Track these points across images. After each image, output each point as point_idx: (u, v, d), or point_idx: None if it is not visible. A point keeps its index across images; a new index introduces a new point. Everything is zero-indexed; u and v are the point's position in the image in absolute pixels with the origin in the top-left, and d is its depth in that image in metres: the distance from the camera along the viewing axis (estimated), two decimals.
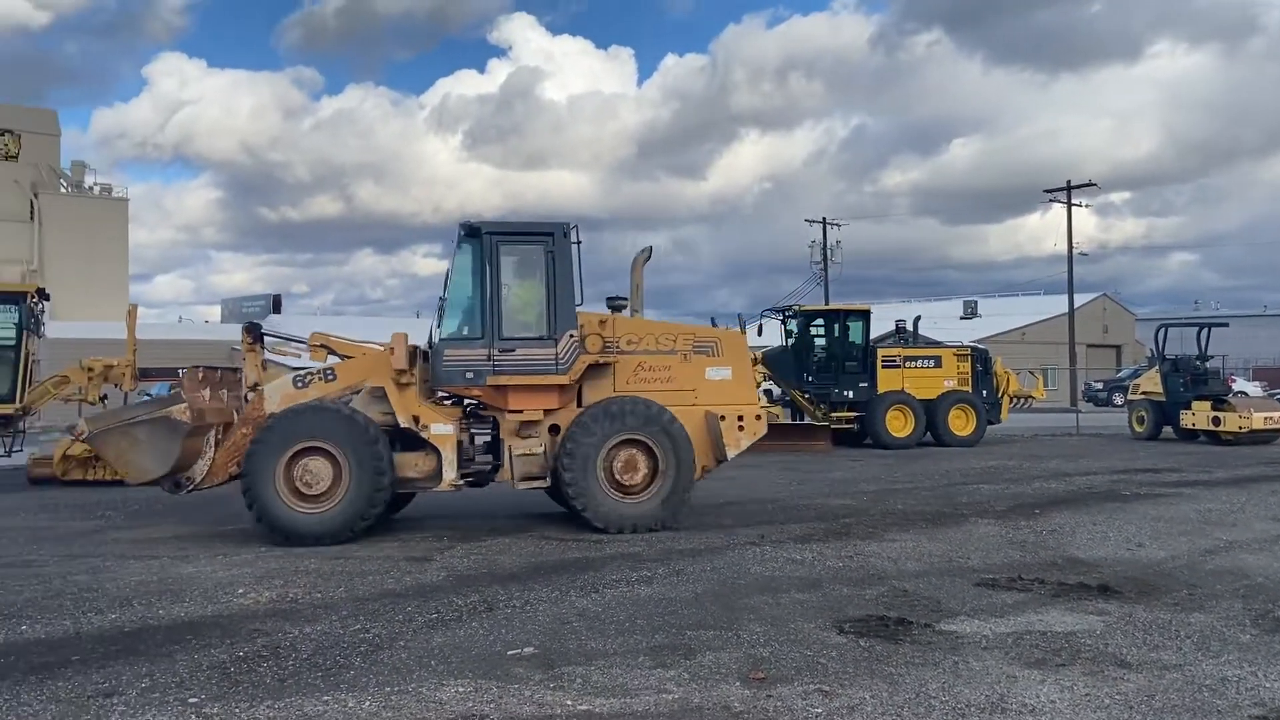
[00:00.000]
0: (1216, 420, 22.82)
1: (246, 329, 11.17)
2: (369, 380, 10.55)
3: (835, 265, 55.89)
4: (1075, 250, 48.39)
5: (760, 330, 23.90)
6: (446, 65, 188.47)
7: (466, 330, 10.61)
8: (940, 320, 51.58)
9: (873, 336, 24.42)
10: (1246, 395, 30.21)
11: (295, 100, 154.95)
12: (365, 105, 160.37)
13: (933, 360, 23.66)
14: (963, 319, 63.55)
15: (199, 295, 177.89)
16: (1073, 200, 48.46)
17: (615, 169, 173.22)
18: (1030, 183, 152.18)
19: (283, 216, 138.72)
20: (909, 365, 23.26)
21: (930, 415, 22.66)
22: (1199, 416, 23.24)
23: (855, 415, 22.91)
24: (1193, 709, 4.94)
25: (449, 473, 10.42)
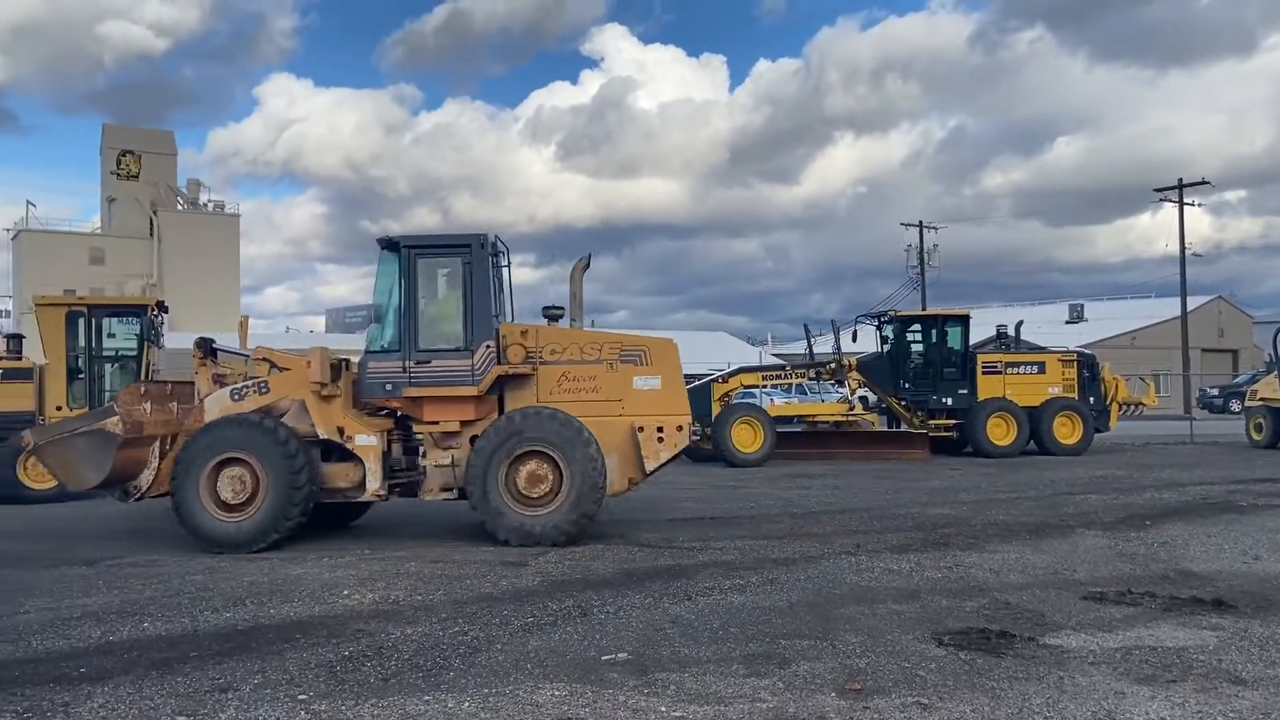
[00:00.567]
0: None
1: (197, 344, 11.65)
2: (295, 393, 10.76)
3: (932, 269, 54.89)
4: (1188, 251, 46.56)
5: (855, 336, 23.66)
6: (540, 78, 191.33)
7: (386, 343, 10.70)
8: (1044, 325, 50.24)
9: (972, 342, 23.90)
10: None
11: (396, 116, 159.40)
12: (462, 119, 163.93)
13: (1036, 366, 23.03)
14: (1068, 323, 61.74)
15: (305, 306, 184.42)
16: (1185, 199, 46.65)
17: (707, 176, 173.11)
18: (1139, 181, 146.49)
19: (384, 229, 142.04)
20: (1011, 371, 22.72)
21: (1034, 423, 22.05)
22: None
23: (954, 423, 22.45)
24: None
25: (372, 483, 10.55)
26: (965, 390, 22.36)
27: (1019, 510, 12.80)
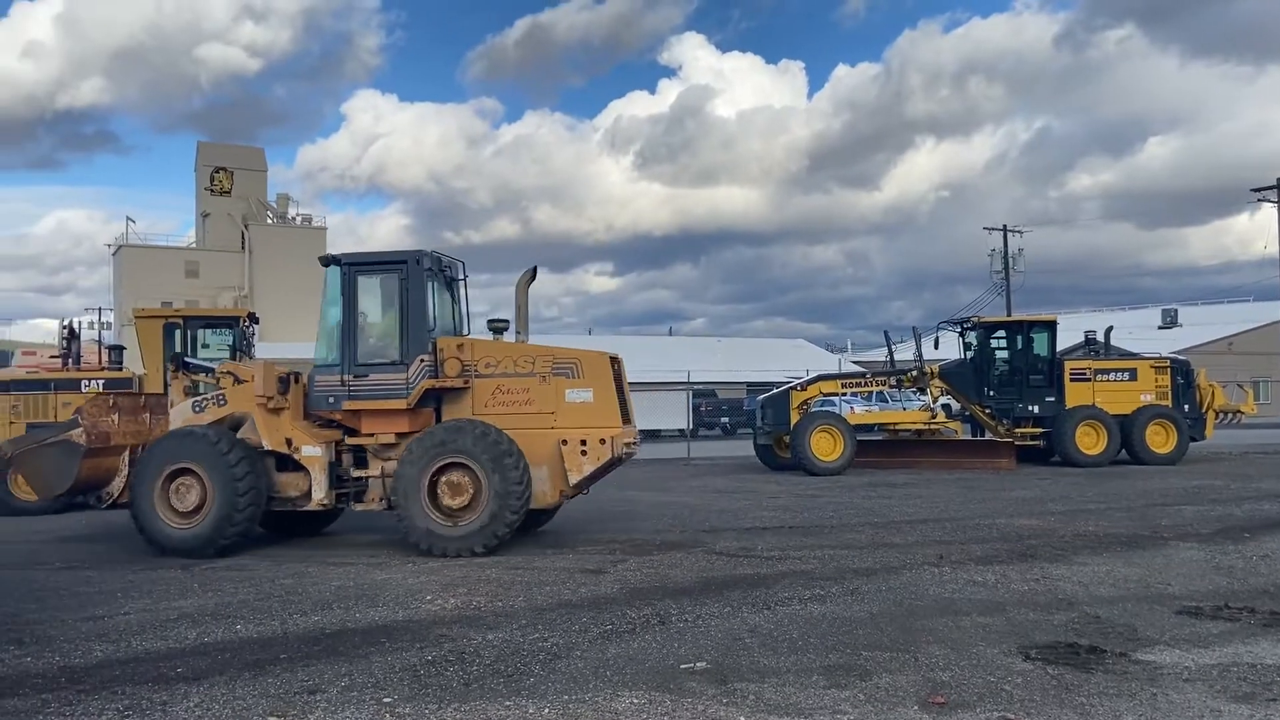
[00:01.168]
0: None
1: (171, 359, 12.32)
2: (245, 406, 11.09)
3: (1017, 274, 53.46)
4: None
5: (936, 343, 23.27)
6: (618, 88, 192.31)
7: (329, 357, 11.00)
8: (1136, 330, 48.73)
9: (1060, 348, 23.30)
10: None
11: (478, 129, 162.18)
12: (542, 131, 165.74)
13: (1127, 373, 22.35)
14: (1161, 329, 59.76)
15: None
16: None
17: (786, 182, 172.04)
18: (1236, 181, 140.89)
19: (466, 240, 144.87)
20: (1100, 378, 22.10)
21: (1125, 431, 21.41)
22: None
23: (1041, 431, 21.93)
24: None
25: (317, 492, 10.87)
26: (1052, 398, 21.86)
27: (1110, 521, 12.42)
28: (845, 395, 26.54)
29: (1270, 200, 45.01)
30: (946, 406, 26.65)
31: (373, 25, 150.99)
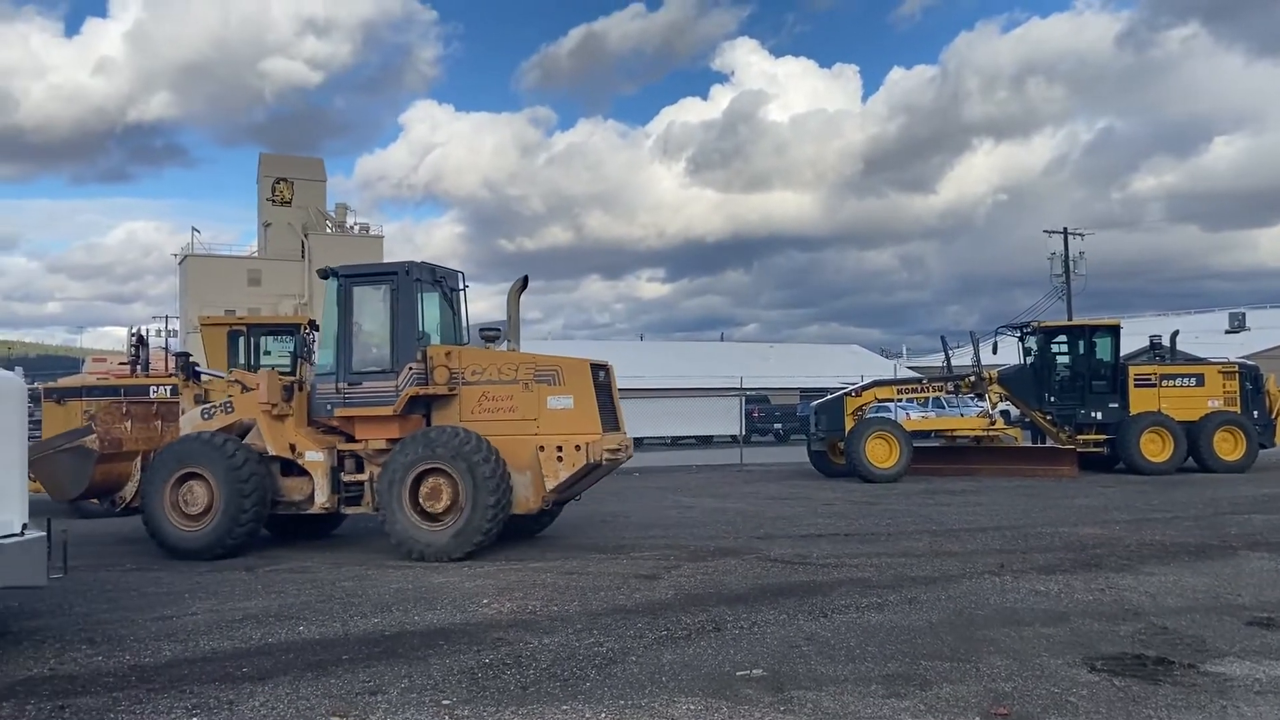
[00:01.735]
0: None
1: (181, 367, 12.58)
2: (251, 413, 11.41)
3: (1078, 278, 52.45)
4: None
5: (995, 348, 22.93)
6: (671, 94, 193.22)
7: (327, 366, 11.34)
8: (1202, 335, 47.53)
9: (1124, 353, 22.82)
10: None
11: (531, 137, 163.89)
12: (594, 138, 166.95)
13: (1194, 379, 21.81)
14: (1228, 333, 58.16)
15: None
16: None
17: (840, 186, 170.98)
18: None
19: (519, 247, 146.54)
20: (1166, 384, 21.59)
21: (1192, 438, 20.89)
22: None
23: (1104, 438, 21.48)
24: None
25: (319, 496, 11.25)
26: (1116, 404, 21.40)
27: (1177, 530, 12.12)
28: (900, 401, 26.24)
29: None
30: (1005, 413, 26.21)
31: (430, 37, 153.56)
